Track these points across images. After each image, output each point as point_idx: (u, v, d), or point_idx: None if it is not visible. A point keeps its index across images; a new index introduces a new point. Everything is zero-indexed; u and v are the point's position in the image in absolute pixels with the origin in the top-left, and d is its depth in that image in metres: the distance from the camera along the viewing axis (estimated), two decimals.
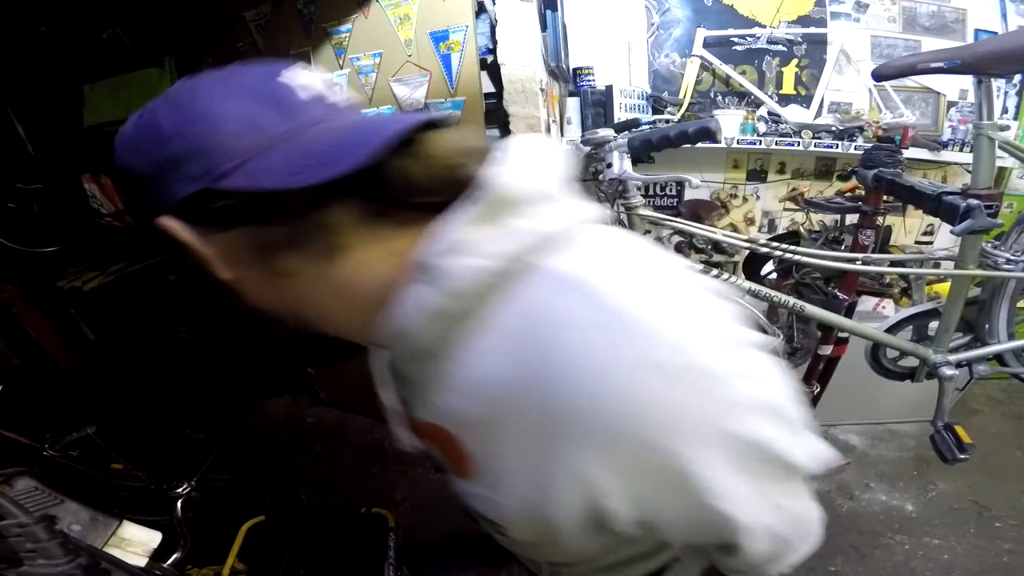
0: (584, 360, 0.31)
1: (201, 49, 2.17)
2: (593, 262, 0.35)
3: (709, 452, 0.32)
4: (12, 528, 0.65)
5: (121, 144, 0.38)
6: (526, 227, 0.35)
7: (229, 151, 0.34)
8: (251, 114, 0.35)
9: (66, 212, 2.29)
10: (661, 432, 0.31)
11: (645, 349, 0.31)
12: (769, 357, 0.35)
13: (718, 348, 0.33)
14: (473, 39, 1.51)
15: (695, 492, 0.32)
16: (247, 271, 0.37)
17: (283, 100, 0.36)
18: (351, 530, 1.10)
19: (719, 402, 0.32)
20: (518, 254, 0.34)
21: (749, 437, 0.33)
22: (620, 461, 0.32)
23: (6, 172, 2.12)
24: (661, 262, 0.37)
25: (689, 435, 0.31)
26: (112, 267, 2.31)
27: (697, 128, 0.82)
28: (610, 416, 0.31)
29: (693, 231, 1.10)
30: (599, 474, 0.32)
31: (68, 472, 1.40)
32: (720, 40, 2.01)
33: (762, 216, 2.27)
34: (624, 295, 0.33)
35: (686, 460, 0.31)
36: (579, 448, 0.32)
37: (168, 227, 0.36)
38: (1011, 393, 2.52)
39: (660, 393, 0.31)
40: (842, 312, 1.23)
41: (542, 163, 0.38)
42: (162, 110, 0.36)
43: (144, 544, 0.87)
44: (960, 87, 2.07)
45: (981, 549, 1.72)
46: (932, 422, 1.20)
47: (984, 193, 0.90)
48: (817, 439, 0.38)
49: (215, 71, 0.38)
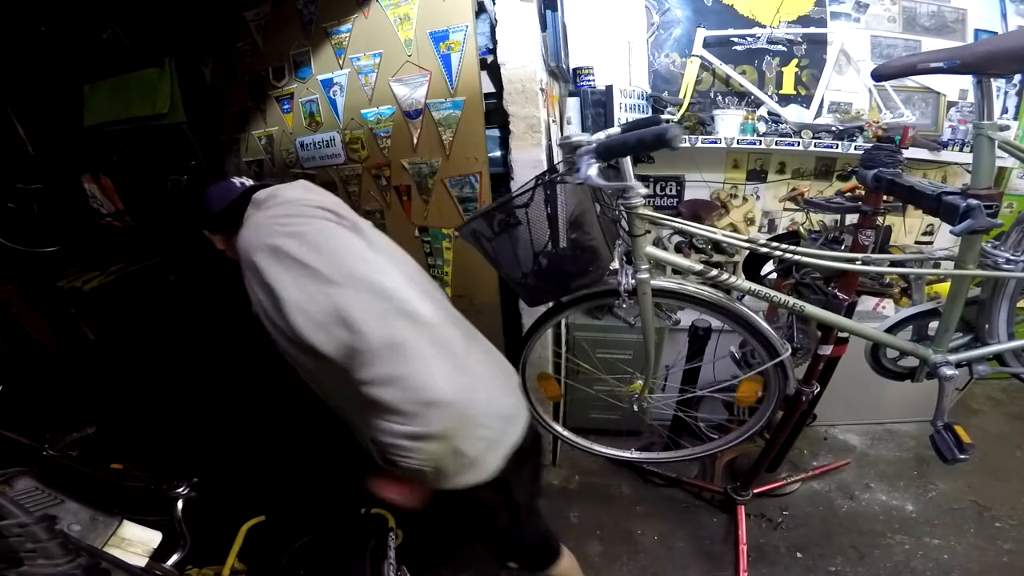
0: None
1: (201, 49, 2.17)
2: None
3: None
4: (12, 528, 0.65)
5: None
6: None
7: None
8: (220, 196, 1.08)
9: (66, 212, 2.28)
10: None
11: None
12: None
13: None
14: (473, 39, 1.50)
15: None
16: (223, 244, 1.10)
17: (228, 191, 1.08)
18: (351, 530, 1.10)
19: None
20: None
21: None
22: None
23: (6, 172, 2.12)
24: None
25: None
26: (112, 267, 2.31)
27: (654, 135, 0.80)
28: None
29: (693, 231, 1.10)
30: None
31: (68, 472, 1.40)
32: (720, 40, 2.01)
33: (762, 216, 2.28)
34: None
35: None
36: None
37: (207, 232, 1.11)
38: (1011, 393, 2.52)
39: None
40: (842, 312, 1.23)
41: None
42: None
43: (144, 544, 0.87)
44: (960, 87, 2.07)
45: (981, 549, 1.73)
46: (932, 422, 1.20)
47: (984, 193, 0.89)
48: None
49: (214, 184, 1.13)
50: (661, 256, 1.08)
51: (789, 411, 1.55)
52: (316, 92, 1.87)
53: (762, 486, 1.92)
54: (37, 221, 2.20)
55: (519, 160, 1.61)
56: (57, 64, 2.18)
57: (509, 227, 1.00)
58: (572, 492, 2.09)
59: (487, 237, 1.04)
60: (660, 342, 1.96)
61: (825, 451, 2.24)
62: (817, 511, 1.92)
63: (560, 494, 2.07)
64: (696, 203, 2.18)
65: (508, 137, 1.60)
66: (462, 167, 1.67)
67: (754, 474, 1.79)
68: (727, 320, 1.18)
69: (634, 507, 1.99)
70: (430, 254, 1.90)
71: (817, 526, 1.85)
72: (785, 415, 1.58)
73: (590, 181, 0.88)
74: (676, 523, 1.90)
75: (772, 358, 1.18)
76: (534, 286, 1.10)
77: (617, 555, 1.79)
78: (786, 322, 1.53)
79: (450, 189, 1.72)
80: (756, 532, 1.83)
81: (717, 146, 1.97)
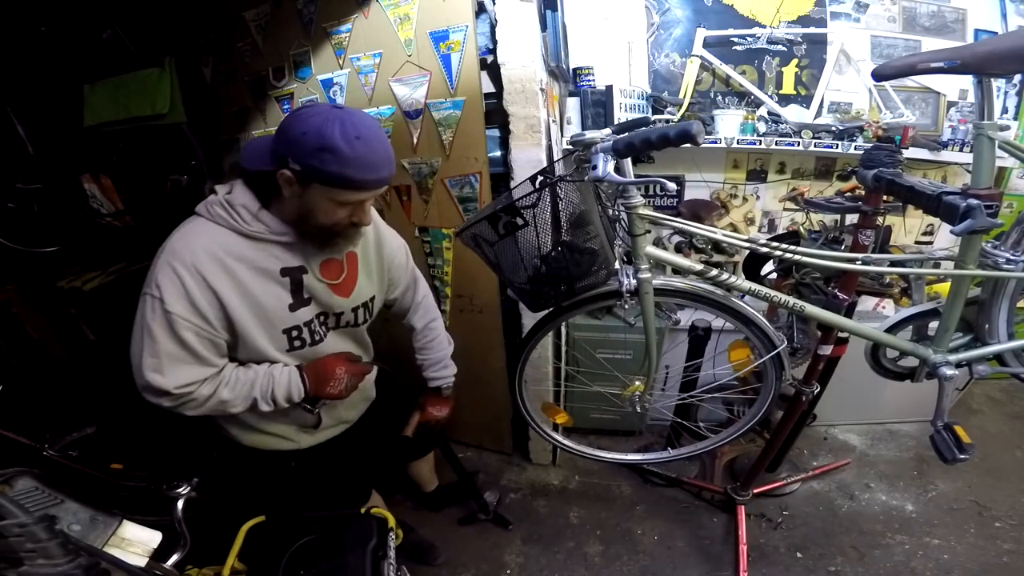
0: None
1: (201, 49, 2.18)
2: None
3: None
4: (12, 528, 0.65)
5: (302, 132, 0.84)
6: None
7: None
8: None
9: (66, 212, 2.28)
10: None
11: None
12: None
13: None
14: (473, 39, 1.50)
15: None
16: (292, 193, 0.92)
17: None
18: (351, 530, 1.10)
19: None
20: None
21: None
22: None
23: (6, 172, 2.12)
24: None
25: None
26: (112, 267, 2.31)
27: (678, 131, 0.80)
28: None
29: (693, 231, 1.10)
30: None
31: (68, 472, 1.40)
32: (720, 40, 2.01)
33: (762, 216, 2.28)
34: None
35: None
36: None
37: (285, 171, 0.88)
38: (1011, 393, 2.52)
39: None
40: (842, 312, 1.23)
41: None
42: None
43: (144, 544, 0.87)
44: (960, 87, 2.07)
45: (981, 549, 1.73)
46: (932, 422, 1.20)
47: (984, 193, 0.89)
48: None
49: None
50: (661, 256, 1.08)
51: (789, 411, 1.55)
52: (316, 92, 1.87)
53: (762, 486, 1.92)
54: (37, 221, 2.19)
55: (519, 160, 1.61)
56: (57, 64, 2.18)
57: (515, 230, 0.98)
58: (572, 492, 2.09)
59: (489, 241, 1.03)
60: (660, 342, 1.97)
61: (825, 451, 2.24)
62: (817, 511, 1.92)
63: (560, 494, 2.08)
64: (696, 203, 2.18)
65: (508, 137, 1.60)
66: (462, 167, 1.67)
67: (754, 474, 1.79)
68: (726, 316, 1.19)
69: (634, 507, 1.99)
70: (430, 254, 1.90)
71: (817, 526, 1.86)
72: (785, 415, 1.58)
73: (609, 178, 0.88)
74: (676, 523, 1.90)
75: (768, 351, 1.18)
76: (537, 290, 1.09)
77: (617, 555, 1.79)
78: (786, 322, 1.53)
79: (450, 189, 1.73)
80: (756, 532, 1.83)
81: (717, 146, 1.97)
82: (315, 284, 1.03)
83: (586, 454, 1.60)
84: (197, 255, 0.90)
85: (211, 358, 0.96)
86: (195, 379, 0.94)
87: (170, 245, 0.91)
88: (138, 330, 0.92)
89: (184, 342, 0.91)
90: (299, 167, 0.85)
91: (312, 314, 1.04)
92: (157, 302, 0.89)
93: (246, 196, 0.95)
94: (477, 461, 2.22)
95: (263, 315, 0.97)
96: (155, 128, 2.23)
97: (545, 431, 1.53)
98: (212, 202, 0.95)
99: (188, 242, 0.91)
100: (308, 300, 1.03)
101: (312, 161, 0.83)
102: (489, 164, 1.65)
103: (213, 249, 0.91)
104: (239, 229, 0.93)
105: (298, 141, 0.83)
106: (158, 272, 0.89)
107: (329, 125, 0.81)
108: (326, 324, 1.09)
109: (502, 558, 1.79)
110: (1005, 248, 1.05)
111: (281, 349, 1.03)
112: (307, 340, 1.05)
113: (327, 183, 0.86)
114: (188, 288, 0.89)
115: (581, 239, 1.04)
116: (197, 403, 0.97)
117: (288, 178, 0.87)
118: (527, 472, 2.19)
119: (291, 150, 0.84)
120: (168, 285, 0.88)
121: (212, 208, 0.94)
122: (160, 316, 0.89)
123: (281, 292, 0.99)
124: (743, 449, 2.08)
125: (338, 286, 1.07)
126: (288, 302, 1.00)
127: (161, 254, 0.91)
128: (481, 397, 2.05)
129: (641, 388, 1.30)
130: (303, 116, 0.85)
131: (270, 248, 0.96)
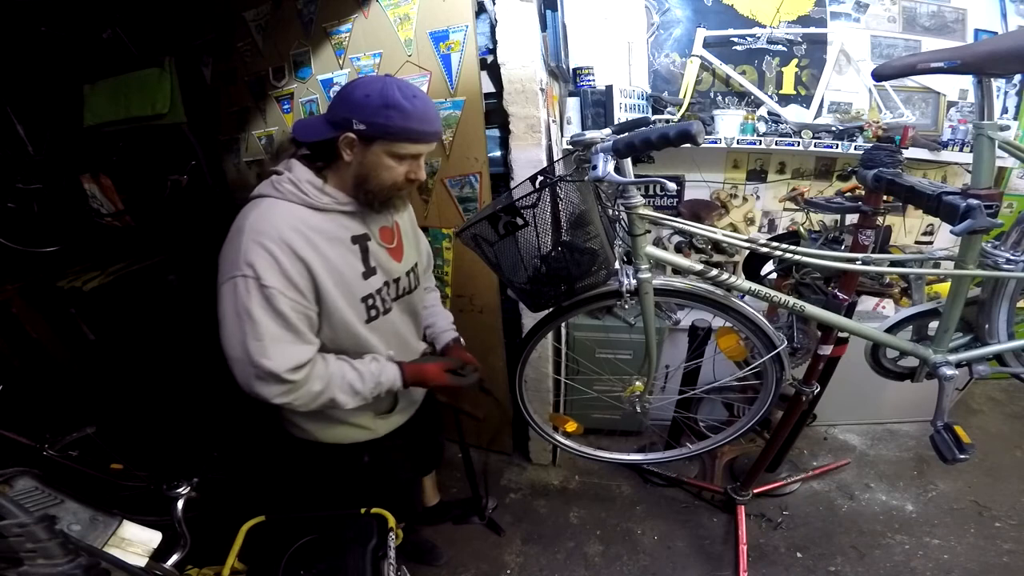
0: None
1: (201, 49, 2.18)
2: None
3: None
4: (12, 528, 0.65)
5: (357, 95, 0.92)
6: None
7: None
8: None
9: (66, 212, 2.28)
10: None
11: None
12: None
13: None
14: (473, 39, 1.50)
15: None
16: (354, 156, 0.97)
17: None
18: (351, 530, 1.10)
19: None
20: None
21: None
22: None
23: (6, 172, 2.12)
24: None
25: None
26: (112, 267, 2.31)
27: (678, 131, 0.81)
28: None
29: (693, 231, 1.10)
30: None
31: (68, 472, 1.40)
32: (720, 40, 2.01)
33: (762, 216, 2.28)
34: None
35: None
36: None
37: (348, 134, 0.93)
38: (1011, 393, 2.52)
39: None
40: (842, 312, 1.23)
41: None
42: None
43: (144, 544, 0.87)
44: (960, 87, 2.07)
45: (981, 549, 1.73)
46: (932, 422, 1.20)
47: (984, 193, 0.89)
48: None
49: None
50: (661, 256, 1.08)
51: (789, 411, 1.55)
52: (316, 92, 1.87)
53: (762, 486, 1.92)
54: (37, 221, 2.19)
55: (519, 160, 1.61)
56: (57, 64, 2.17)
57: (515, 229, 0.99)
58: (572, 492, 2.09)
59: (489, 241, 1.03)
60: (660, 342, 1.97)
61: (825, 451, 2.24)
62: (817, 511, 1.92)
63: (560, 494, 2.08)
64: (696, 203, 2.18)
65: (508, 137, 1.60)
66: (462, 167, 1.67)
67: (754, 474, 1.79)
68: (726, 316, 1.19)
69: (634, 507, 1.99)
70: None
71: (817, 526, 1.86)
72: (785, 415, 1.58)
73: (609, 178, 0.88)
74: (676, 523, 1.90)
75: (769, 351, 1.18)
76: (537, 290, 1.09)
77: (617, 555, 1.79)
78: (786, 322, 1.53)
79: (450, 189, 1.73)
80: (756, 532, 1.83)
81: (717, 146, 1.97)
82: (378, 250, 1.08)
83: (586, 454, 1.60)
84: (282, 229, 0.91)
85: (308, 334, 0.98)
86: (301, 360, 0.95)
87: (249, 225, 0.92)
88: (231, 318, 0.91)
89: (286, 318, 0.92)
90: (365, 126, 0.90)
91: (380, 282, 1.09)
92: (251, 281, 0.88)
93: (307, 172, 0.98)
94: (477, 461, 2.22)
95: (344, 284, 1.00)
96: (155, 128, 2.23)
97: (545, 431, 1.53)
98: (279, 180, 0.97)
99: (269, 219, 0.92)
100: (375, 269, 1.07)
101: (378, 118, 0.90)
102: (489, 164, 1.65)
103: (294, 223, 0.93)
104: (310, 203, 0.96)
105: (363, 102, 0.90)
106: (246, 251, 0.89)
107: (389, 88, 0.90)
108: (390, 293, 1.14)
109: (502, 558, 1.79)
110: (1005, 248, 1.05)
111: (361, 320, 1.06)
112: (380, 309, 1.09)
113: (393, 137, 0.92)
114: (280, 261, 0.90)
115: (581, 239, 1.04)
116: (308, 397, 0.98)
117: (351, 140, 0.93)
118: (527, 472, 2.19)
119: (356, 112, 0.90)
120: (260, 261, 0.89)
121: (281, 186, 0.96)
122: (256, 294, 0.89)
123: (354, 260, 1.03)
124: (743, 449, 2.08)
125: (393, 250, 1.12)
126: (361, 270, 1.04)
127: (241, 236, 0.90)
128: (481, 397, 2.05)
129: (641, 388, 1.31)
130: (363, 83, 0.92)
131: (338, 218, 1.00)
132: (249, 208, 0.96)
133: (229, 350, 0.92)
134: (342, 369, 1.03)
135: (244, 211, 0.96)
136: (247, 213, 0.95)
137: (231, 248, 0.91)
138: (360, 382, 1.04)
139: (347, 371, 1.04)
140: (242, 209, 0.97)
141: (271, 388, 0.94)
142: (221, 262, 0.92)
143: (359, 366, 1.06)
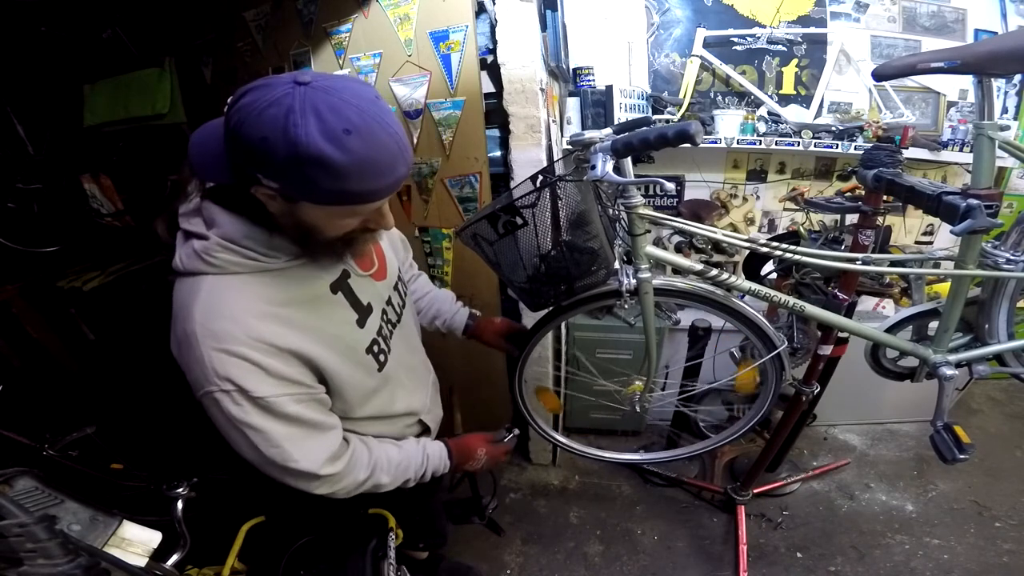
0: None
1: (201, 49, 2.17)
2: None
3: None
4: (12, 528, 0.65)
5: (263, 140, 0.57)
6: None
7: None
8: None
9: (66, 212, 2.28)
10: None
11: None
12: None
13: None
14: (473, 39, 1.50)
15: None
16: (281, 211, 0.67)
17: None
18: (351, 530, 1.10)
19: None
20: None
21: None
22: None
23: (6, 172, 2.12)
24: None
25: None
26: (112, 267, 2.31)
27: (677, 131, 0.80)
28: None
29: (693, 231, 1.10)
30: None
31: (68, 472, 1.40)
32: (720, 40, 2.01)
33: (762, 216, 2.28)
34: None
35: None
36: None
37: (266, 185, 0.61)
38: (1011, 393, 2.52)
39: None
40: (842, 312, 1.23)
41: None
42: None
43: (144, 544, 0.87)
44: (960, 87, 2.07)
45: (981, 549, 1.73)
46: (932, 422, 1.20)
47: (984, 193, 0.89)
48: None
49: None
50: (661, 256, 1.08)
51: (789, 411, 1.55)
52: None
53: (762, 486, 1.92)
54: (37, 221, 2.20)
55: (519, 160, 1.61)
56: (57, 64, 2.17)
57: (515, 229, 0.98)
58: (572, 492, 2.09)
59: (489, 240, 1.03)
60: (660, 342, 1.97)
61: (825, 451, 2.24)
62: (817, 511, 1.92)
63: (560, 494, 2.08)
64: (696, 203, 2.18)
65: (508, 137, 1.60)
66: (462, 167, 1.67)
67: (754, 474, 1.79)
68: (726, 316, 1.19)
69: (634, 507, 1.99)
70: (430, 254, 1.90)
71: (817, 526, 1.86)
72: (785, 415, 1.58)
73: (608, 178, 0.88)
74: (676, 523, 1.90)
75: (769, 351, 1.18)
76: (537, 289, 1.09)
77: (617, 555, 1.79)
78: (786, 322, 1.53)
79: (450, 189, 1.73)
80: (756, 532, 1.83)
81: (717, 146, 1.97)
82: (362, 282, 0.89)
83: (586, 454, 1.60)
84: (247, 326, 0.69)
85: (326, 420, 0.82)
86: (333, 448, 0.82)
87: (199, 328, 0.67)
88: (231, 431, 0.74)
89: (297, 416, 0.76)
90: (276, 185, 0.60)
91: (377, 321, 0.91)
92: (237, 395, 0.69)
93: (240, 224, 0.70)
94: None
95: (343, 346, 0.83)
96: (155, 128, 2.23)
97: (545, 431, 1.53)
98: (206, 250, 0.69)
99: (221, 313, 0.68)
100: (368, 306, 0.89)
101: (292, 179, 0.59)
102: (489, 164, 1.65)
103: (256, 307, 0.70)
104: (262, 268, 0.72)
105: (260, 151, 0.56)
106: (213, 364, 0.67)
107: (298, 120, 0.54)
108: (388, 322, 0.97)
109: (502, 558, 1.80)
110: (1005, 248, 1.05)
111: (371, 373, 0.90)
112: (386, 350, 0.93)
113: (325, 203, 0.63)
114: (263, 366, 0.70)
115: (581, 239, 1.04)
116: (353, 485, 0.87)
117: (268, 195, 0.63)
118: (527, 472, 2.19)
119: (257, 165, 0.59)
120: (238, 372, 0.68)
121: (212, 256, 0.69)
122: (250, 406, 0.71)
123: (343, 311, 0.84)
124: (743, 449, 2.08)
125: (377, 270, 0.95)
126: (354, 318, 0.85)
127: (196, 344, 0.68)
128: (481, 397, 2.05)
129: (641, 388, 1.31)
130: (255, 110, 0.55)
131: (305, 271, 0.76)
132: (186, 295, 0.70)
133: (246, 457, 0.77)
134: (387, 453, 0.93)
135: (180, 298, 0.71)
136: (187, 304, 0.69)
137: (190, 355, 0.69)
138: (407, 462, 0.95)
139: (392, 453, 0.94)
140: (175, 291, 0.73)
141: (310, 484, 0.81)
142: (183, 364, 0.71)
143: (404, 446, 0.97)
